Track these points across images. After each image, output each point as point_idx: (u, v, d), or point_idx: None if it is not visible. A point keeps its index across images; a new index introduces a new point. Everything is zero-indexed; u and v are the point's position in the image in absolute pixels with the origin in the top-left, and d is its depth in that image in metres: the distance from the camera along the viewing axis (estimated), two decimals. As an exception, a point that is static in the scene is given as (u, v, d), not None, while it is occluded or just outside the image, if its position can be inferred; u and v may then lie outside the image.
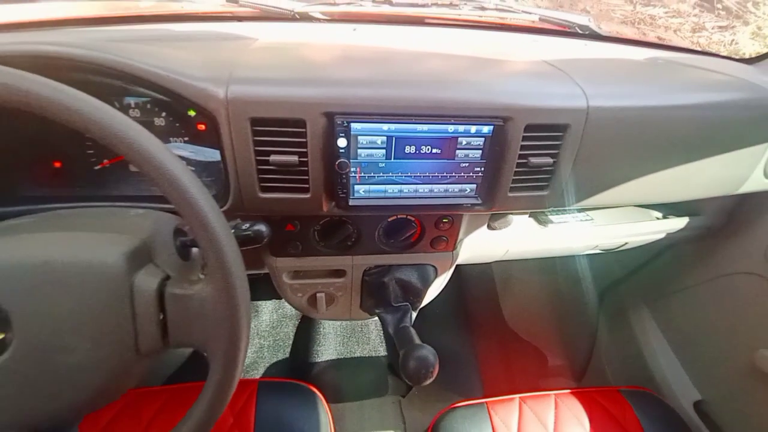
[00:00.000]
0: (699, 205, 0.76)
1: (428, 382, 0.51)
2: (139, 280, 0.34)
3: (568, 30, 0.77)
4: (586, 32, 0.77)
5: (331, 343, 1.17)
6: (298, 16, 0.69)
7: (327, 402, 0.72)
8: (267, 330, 1.24)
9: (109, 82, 0.45)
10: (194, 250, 0.46)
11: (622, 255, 1.01)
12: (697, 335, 0.87)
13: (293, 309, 1.28)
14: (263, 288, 1.26)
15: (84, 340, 0.33)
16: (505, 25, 0.74)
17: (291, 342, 1.21)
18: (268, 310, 1.29)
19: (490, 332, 1.28)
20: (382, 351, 1.16)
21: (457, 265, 1.31)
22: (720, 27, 4.21)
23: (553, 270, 1.22)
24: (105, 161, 0.58)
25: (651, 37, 3.85)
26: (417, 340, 0.55)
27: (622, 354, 1.05)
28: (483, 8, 0.72)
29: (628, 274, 1.05)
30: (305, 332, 1.21)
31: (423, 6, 0.71)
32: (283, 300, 1.30)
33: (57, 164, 0.57)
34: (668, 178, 0.58)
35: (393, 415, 0.82)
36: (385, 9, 0.70)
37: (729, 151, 0.57)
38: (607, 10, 4.47)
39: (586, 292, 1.16)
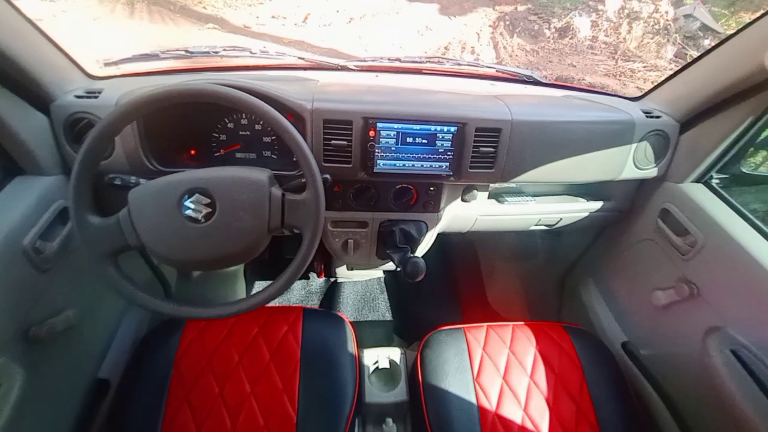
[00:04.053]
0: (608, 192, 1.10)
1: (419, 279, 0.84)
2: (273, 191, 0.69)
3: (518, 78, 1.16)
4: (531, 80, 1.16)
5: (349, 310, 1.48)
6: (340, 68, 1.10)
7: (352, 327, 1.02)
8: (297, 302, 1.55)
9: None
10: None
11: (573, 239, 1.34)
12: (622, 292, 1.18)
13: (318, 286, 1.60)
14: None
15: (247, 216, 0.68)
16: (474, 74, 1.14)
17: (316, 312, 1.51)
18: (297, 288, 1.61)
19: (476, 310, 1.58)
20: (389, 317, 1.46)
21: (450, 253, 1.67)
22: (693, 80, 4.72)
23: (528, 258, 1.54)
24: (221, 150, 0.95)
25: (583, 84, 4.43)
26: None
27: (576, 320, 1.34)
28: (459, 64, 1.12)
29: (579, 256, 1.36)
30: (327, 304, 1.52)
31: (420, 62, 1.11)
32: (310, 281, 1.63)
33: (193, 151, 0.94)
34: (570, 165, 0.92)
35: (398, 351, 1.11)
36: (396, 63, 1.11)
37: (606, 149, 0.92)
38: (591, 64, 5.04)
39: (551, 275, 1.47)
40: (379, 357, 1.04)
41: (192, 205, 0.66)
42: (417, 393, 0.92)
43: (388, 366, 1.03)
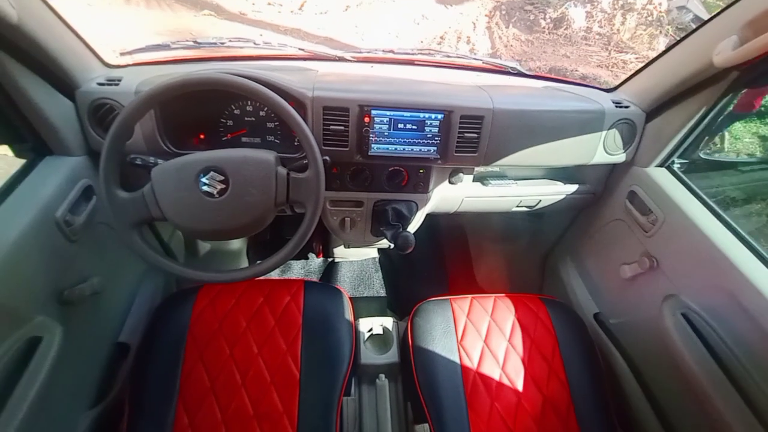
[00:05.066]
0: (583, 176, 1.20)
1: (409, 251, 0.94)
2: (279, 170, 0.78)
3: (502, 69, 1.25)
4: (515, 71, 1.25)
5: (346, 287, 1.58)
6: (338, 58, 1.17)
7: (349, 299, 1.12)
8: None
9: None
10: None
11: (554, 221, 1.45)
12: (595, 268, 1.29)
13: (317, 266, 1.70)
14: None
15: (256, 191, 0.77)
16: (461, 65, 1.22)
17: (315, 289, 1.62)
18: (297, 267, 1.71)
19: (463, 288, 1.69)
20: (383, 293, 1.57)
21: (440, 235, 1.78)
22: (683, 72, 4.81)
23: (513, 239, 1.64)
24: (228, 135, 1.04)
25: (576, 75, 4.55)
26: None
27: (556, 295, 1.45)
28: (448, 56, 1.20)
29: (559, 237, 1.47)
30: (326, 282, 1.62)
31: (412, 54, 1.19)
32: (309, 260, 1.72)
33: (202, 135, 1.02)
34: (546, 150, 1.02)
35: (390, 320, 1.22)
36: (390, 55, 1.19)
37: (579, 135, 1.02)
38: (585, 55, 5.11)
39: (534, 255, 1.58)
40: (374, 325, 1.15)
41: (208, 182, 0.75)
42: (407, 355, 1.03)
43: (381, 333, 1.14)
